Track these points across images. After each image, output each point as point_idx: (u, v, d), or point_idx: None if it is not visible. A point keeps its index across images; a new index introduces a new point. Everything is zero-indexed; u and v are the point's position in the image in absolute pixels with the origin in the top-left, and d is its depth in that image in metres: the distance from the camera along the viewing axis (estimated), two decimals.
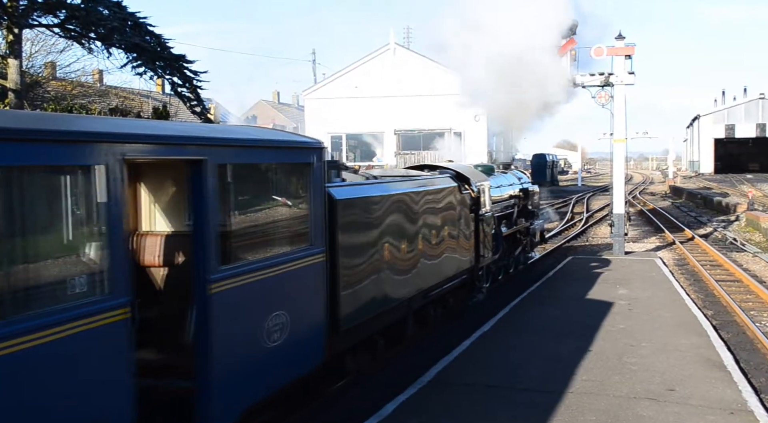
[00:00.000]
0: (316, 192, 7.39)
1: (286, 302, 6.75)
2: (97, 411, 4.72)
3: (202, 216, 5.76)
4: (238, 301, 6.11)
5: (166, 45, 20.57)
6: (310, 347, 7.29)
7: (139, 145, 5.22)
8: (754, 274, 17.99)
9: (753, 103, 79.82)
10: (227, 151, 6.16)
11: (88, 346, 4.61)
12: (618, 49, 20.20)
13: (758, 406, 8.08)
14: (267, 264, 6.52)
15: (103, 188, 4.75)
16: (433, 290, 11.00)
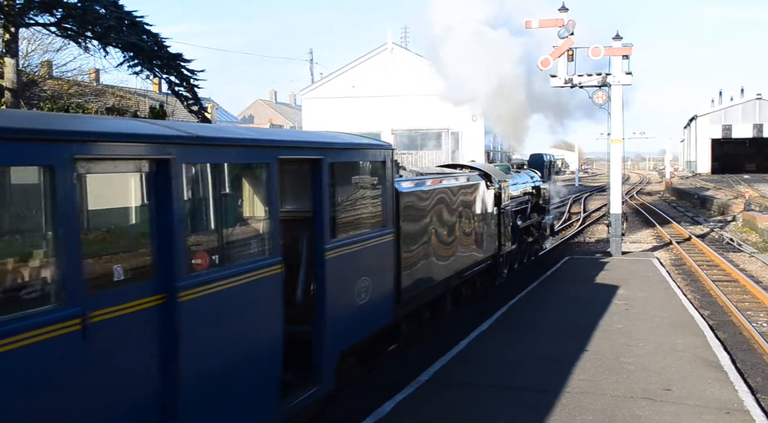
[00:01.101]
0: (388, 185, 9.12)
1: (368, 270, 8.45)
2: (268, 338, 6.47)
3: (320, 202, 7.43)
4: (341, 266, 7.71)
5: (163, 44, 20.55)
6: (383, 308, 8.97)
7: (288, 149, 7.02)
8: (750, 274, 18.01)
9: (750, 104, 79.96)
10: (335, 153, 7.83)
11: (263, 290, 6.34)
12: (615, 49, 20.21)
13: (754, 406, 8.09)
14: (357, 239, 8.19)
15: (273, 180, 6.55)
16: (465, 272, 12.75)
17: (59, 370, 4.25)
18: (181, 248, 5.31)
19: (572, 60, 20.39)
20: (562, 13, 20.04)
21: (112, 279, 4.82)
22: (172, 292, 5.20)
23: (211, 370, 5.57)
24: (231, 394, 5.84)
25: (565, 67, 20.43)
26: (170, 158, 5.24)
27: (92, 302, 4.49)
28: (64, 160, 4.36)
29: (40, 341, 4.09)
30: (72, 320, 4.32)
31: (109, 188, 5.17)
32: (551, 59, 20.16)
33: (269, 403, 6.46)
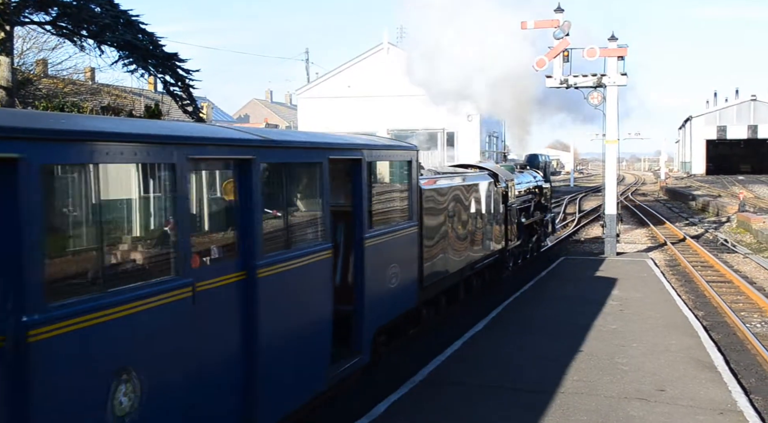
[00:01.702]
0: (413, 182, 10.14)
1: (397, 258, 9.47)
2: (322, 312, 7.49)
3: (360, 196, 8.44)
4: (377, 253, 8.71)
5: (158, 43, 20.50)
6: (409, 293, 10.03)
7: (336, 150, 8.01)
8: (744, 275, 18.07)
9: (745, 105, 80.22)
10: (372, 153, 8.80)
11: (318, 270, 7.36)
12: (611, 50, 20.25)
13: (748, 406, 8.11)
14: (389, 230, 9.22)
15: (325, 177, 7.55)
16: (476, 264, 13.77)
17: (178, 324, 5.31)
18: (260, 233, 6.32)
19: (568, 61, 20.42)
20: (558, 13, 20.07)
21: (210, 257, 5.94)
22: (251, 270, 6.21)
23: (280, 335, 6.64)
24: (294, 356, 6.95)
25: (560, 68, 20.46)
26: (252, 158, 6.26)
27: (198, 275, 5.54)
28: (184, 159, 5.41)
29: (167, 303, 5.19)
30: (186, 288, 5.38)
31: (207, 182, 6.27)
32: (547, 60, 20.20)
33: (321, 368, 7.54)
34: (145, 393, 4.88)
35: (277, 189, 7.01)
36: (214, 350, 5.76)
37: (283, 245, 6.86)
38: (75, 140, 4.52)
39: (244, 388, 6.13)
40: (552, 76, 20.57)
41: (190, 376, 5.39)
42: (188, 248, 5.43)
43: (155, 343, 5.07)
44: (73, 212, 4.75)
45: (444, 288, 12.02)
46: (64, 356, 4.26)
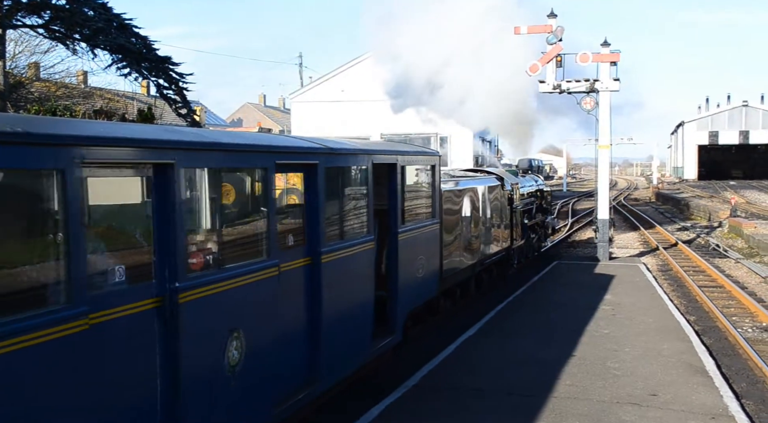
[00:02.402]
0: (436, 184, 11.30)
1: (423, 251, 10.64)
2: (367, 294, 8.72)
3: (394, 195, 9.57)
4: (408, 246, 9.87)
5: (151, 46, 20.49)
6: (431, 282, 11.19)
7: (379, 155, 9.15)
8: (736, 280, 18.13)
9: (736, 111, 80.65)
10: (404, 158, 10.00)
11: (364, 258, 8.59)
12: (603, 55, 20.33)
13: (739, 411, 8.14)
14: (417, 226, 10.38)
15: (370, 178, 8.74)
16: (486, 261, 14.88)
17: (269, 296, 6.54)
18: (323, 225, 7.52)
19: (561, 66, 20.48)
20: (551, 19, 20.14)
21: (288, 244, 7.12)
22: (316, 256, 7.42)
23: (336, 309, 7.79)
24: (346, 329, 8.18)
25: (553, 73, 20.52)
26: (317, 163, 7.48)
27: (282, 258, 6.75)
28: (271, 165, 6.62)
29: (262, 279, 6.40)
30: (274, 268, 6.58)
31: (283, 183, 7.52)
32: (540, 65, 20.26)
33: (366, 344, 8.84)
34: (247, 348, 6.09)
35: (334, 189, 8.18)
36: (291, 318, 7.06)
37: (338, 236, 8.14)
38: (211, 150, 5.95)
39: (311, 351, 7.43)
40: (545, 81, 20.63)
41: (275, 337, 6.67)
42: (275, 237, 6.69)
43: (254, 310, 6.35)
44: (206, 206, 6.04)
45: (458, 281, 13.22)
46: (199, 315, 5.51)
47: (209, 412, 5.62)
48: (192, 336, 5.35)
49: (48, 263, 4.34)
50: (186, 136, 5.83)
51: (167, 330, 5.18)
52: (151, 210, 5.22)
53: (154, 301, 5.12)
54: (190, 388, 5.32)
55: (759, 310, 14.24)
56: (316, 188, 7.45)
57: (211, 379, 5.67)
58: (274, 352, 6.63)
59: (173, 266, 5.23)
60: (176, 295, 5.22)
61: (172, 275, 5.22)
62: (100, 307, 4.53)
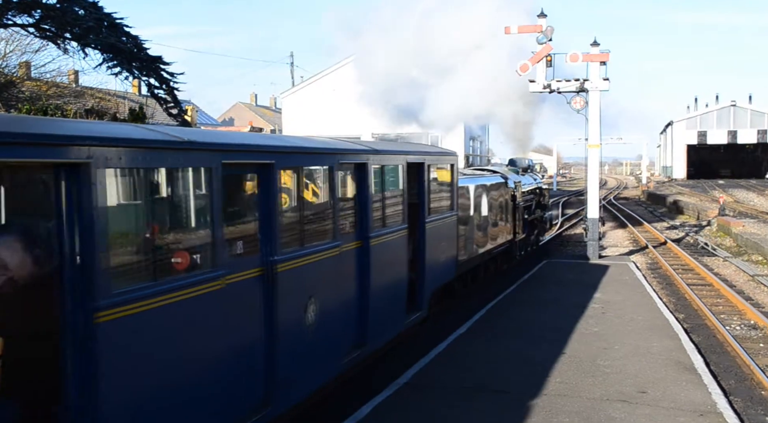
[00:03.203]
0: (454, 180, 12.87)
1: (444, 238, 12.17)
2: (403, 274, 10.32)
3: (422, 190, 11.06)
4: (433, 233, 11.38)
5: (142, 46, 20.46)
6: (451, 266, 12.73)
7: (411, 155, 10.74)
8: (724, 278, 18.28)
9: (725, 110, 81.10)
10: (431, 158, 11.54)
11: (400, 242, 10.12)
12: (593, 55, 20.44)
13: (727, 407, 8.24)
14: (440, 217, 11.89)
15: (404, 175, 10.37)
16: (493, 251, 16.40)
17: (333, 270, 7.99)
18: (371, 215, 9.00)
19: (551, 65, 20.58)
20: (541, 19, 20.24)
21: (345, 230, 8.40)
22: (365, 240, 8.88)
23: (380, 285, 9.18)
24: (387, 302, 9.59)
25: (543, 73, 20.62)
26: (366, 162, 8.94)
27: (342, 240, 8.21)
28: (335, 164, 8.15)
29: (330, 256, 7.89)
30: (337, 248, 8.06)
31: (340, 179, 8.45)
32: (530, 64, 20.35)
33: (401, 317, 10.35)
34: (319, 312, 7.51)
35: (378, 184, 9.50)
36: (348, 290, 8.43)
37: (381, 224, 9.52)
38: (301, 153, 7.52)
39: (361, 319, 8.81)
40: (535, 80, 20.73)
41: (337, 306, 8.04)
42: (338, 223, 8.09)
43: (323, 282, 7.70)
44: (294, 198, 7.45)
45: (471, 267, 14.70)
46: (289, 282, 6.88)
47: (293, 356, 7.04)
48: (284, 298, 6.80)
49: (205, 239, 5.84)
50: (282, 141, 7.87)
51: (267, 292, 6.63)
52: (258, 199, 6.68)
53: (259, 270, 6.54)
54: (281, 337, 6.76)
55: (747, 308, 14.37)
56: (365, 183, 8.95)
57: (296, 332, 7.12)
58: (336, 318, 8.08)
59: (273, 244, 6.69)
60: (275, 266, 6.68)
61: (272, 251, 6.68)
62: (229, 272, 5.93)
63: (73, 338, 4.36)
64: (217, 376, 5.74)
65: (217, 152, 5.85)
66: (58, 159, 4.32)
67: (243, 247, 6.41)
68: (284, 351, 6.80)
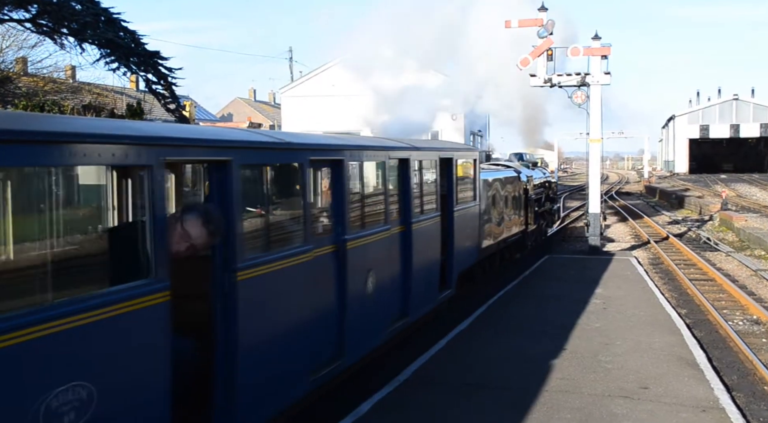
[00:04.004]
0: (477, 173, 14.05)
1: (469, 225, 13.40)
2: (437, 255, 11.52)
3: (451, 183, 12.23)
4: (460, 221, 12.61)
5: (140, 41, 20.33)
6: (474, 251, 13.94)
7: (443, 151, 12.14)
8: (727, 273, 18.18)
9: (727, 104, 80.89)
10: (458, 153, 12.83)
11: (435, 227, 11.36)
12: (594, 49, 20.30)
13: (730, 403, 8.14)
14: (465, 206, 13.10)
15: (438, 170, 11.68)
16: (508, 240, 17.41)
17: (385, 248, 9.30)
18: (412, 204, 10.27)
19: (551, 60, 20.45)
20: (542, 12, 20.10)
21: (392, 217, 9.65)
22: (408, 225, 10.15)
23: (420, 264, 10.46)
24: (425, 279, 10.85)
25: (544, 67, 20.49)
26: (408, 157, 10.26)
27: (391, 225, 9.54)
28: (386, 159, 9.57)
29: (385, 237, 9.30)
30: (388, 231, 9.41)
31: (390, 173, 9.74)
32: (531, 59, 20.22)
33: (435, 293, 11.52)
34: (375, 284, 8.87)
35: (418, 176, 10.74)
36: (394, 268, 9.73)
37: (420, 211, 10.74)
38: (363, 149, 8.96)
39: (405, 294, 10.07)
40: (536, 75, 20.60)
41: (387, 281, 9.34)
42: (389, 209, 9.51)
43: (379, 257, 9.08)
44: (358, 188, 8.75)
45: (489, 254, 15.72)
46: (355, 257, 8.25)
47: (357, 319, 8.34)
48: (351, 270, 8.14)
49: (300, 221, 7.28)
50: (349, 141, 9.06)
51: (339, 265, 8.00)
52: (331, 189, 8.06)
53: (333, 247, 7.90)
54: (350, 302, 8.12)
55: (750, 303, 14.28)
56: (408, 176, 10.20)
57: (359, 299, 8.43)
58: (387, 290, 9.37)
59: (343, 226, 8.04)
60: (345, 243, 8.03)
61: (343, 231, 8.02)
62: (314, 247, 7.31)
63: (222, 291, 5.91)
64: (308, 330, 7.18)
65: (307, 151, 7.42)
66: (212, 158, 5.96)
67: (322, 228, 8.01)
68: (351, 314, 8.19)
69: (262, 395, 6.40)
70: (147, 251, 5.05)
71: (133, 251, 5.09)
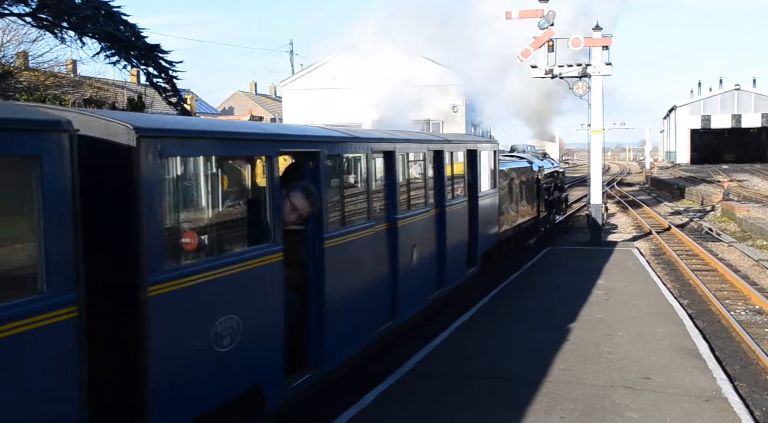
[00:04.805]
0: (496, 163, 15.48)
1: (491, 210, 14.78)
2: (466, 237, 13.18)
3: (475, 171, 13.59)
4: (484, 206, 14.06)
5: (140, 35, 20.29)
6: (494, 234, 15.32)
7: (470, 143, 13.52)
8: (729, 263, 18.17)
9: (728, 95, 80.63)
10: (481, 146, 14.16)
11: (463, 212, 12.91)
12: (595, 40, 20.23)
13: (732, 393, 8.15)
14: (488, 193, 14.52)
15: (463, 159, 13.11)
16: (522, 225, 18.70)
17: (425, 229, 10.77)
18: (445, 190, 11.66)
19: (552, 50, 20.39)
20: (543, 3, 20.03)
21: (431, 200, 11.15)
22: (442, 208, 11.51)
23: (452, 245, 11.87)
24: (456, 256, 12.24)
25: (545, 58, 20.44)
26: (443, 149, 11.63)
27: (431, 207, 11.01)
28: (426, 151, 11.00)
29: (423, 218, 10.65)
30: (428, 212, 10.91)
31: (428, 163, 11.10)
32: (531, 50, 20.17)
33: (464, 270, 12.98)
34: (418, 257, 10.37)
35: (450, 166, 12.01)
36: (432, 242, 11.07)
37: (451, 196, 12.10)
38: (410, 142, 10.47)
39: (440, 268, 11.42)
40: (537, 66, 20.55)
41: (426, 256, 10.77)
42: (427, 193, 10.96)
43: (421, 234, 10.55)
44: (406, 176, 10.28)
45: (507, 237, 16.79)
46: (404, 234, 9.76)
47: (406, 286, 9.79)
48: (401, 245, 9.66)
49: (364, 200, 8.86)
50: (399, 135, 10.47)
51: (392, 240, 9.45)
52: (383, 174, 9.50)
53: (387, 224, 9.33)
54: (400, 271, 9.60)
55: (752, 293, 14.28)
56: (442, 165, 11.50)
57: (407, 269, 9.88)
58: (427, 264, 10.80)
59: (395, 206, 9.57)
60: (396, 222, 9.55)
61: (394, 211, 9.56)
62: (375, 224, 8.88)
63: (314, 256, 7.50)
64: (371, 292, 8.78)
65: (369, 143, 8.89)
66: (308, 150, 7.54)
67: (379, 209, 9.26)
68: (401, 282, 9.62)
69: (341, 341, 7.96)
70: (269, 221, 6.58)
71: (261, 221, 6.61)
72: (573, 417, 7.44)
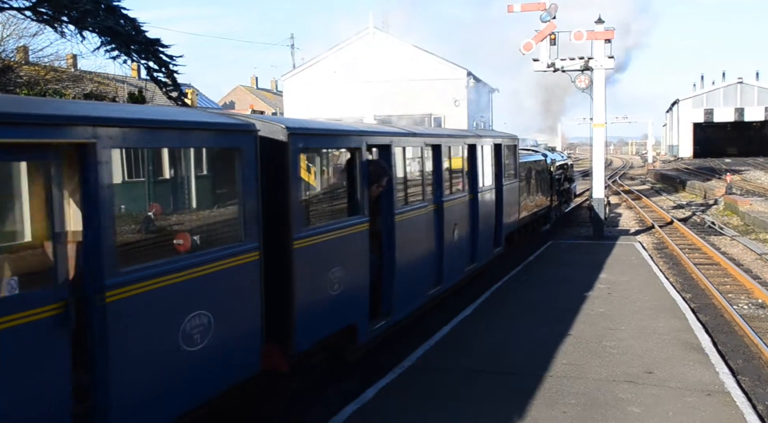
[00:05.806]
0: (516, 156, 16.70)
1: (513, 197, 16.02)
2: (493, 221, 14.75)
3: (500, 163, 14.77)
4: (507, 193, 15.37)
5: (140, 29, 20.23)
6: (516, 219, 16.63)
7: (492, 138, 14.55)
8: (731, 257, 18.11)
9: (731, 88, 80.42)
10: (504, 140, 15.19)
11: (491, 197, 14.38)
12: (597, 33, 20.14)
13: (735, 387, 8.11)
14: (510, 182, 15.66)
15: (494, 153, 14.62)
16: (537, 213, 20.00)
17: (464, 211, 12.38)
18: (478, 178, 12.99)
19: (555, 44, 20.30)
20: None
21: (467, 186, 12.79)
22: (475, 194, 12.83)
23: (482, 226, 13.22)
24: (486, 237, 13.72)
25: (547, 52, 20.35)
26: (476, 143, 13.00)
27: (467, 192, 12.62)
28: (463, 145, 12.66)
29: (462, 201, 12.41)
30: (466, 196, 12.57)
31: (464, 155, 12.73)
32: (534, 43, 20.08)
33: (491, 248, 14.31)
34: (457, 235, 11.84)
35: (481, 158, 13.26)
36: (467, 223, 12.45)
37: (482, 184, 13.29)
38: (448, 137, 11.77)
39: (472, 246, 12.83)
40: (539, 59, 20.46)
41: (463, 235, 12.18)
42: (465, 181, 12.66)
43: (460, 215, 12.01)
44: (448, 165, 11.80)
45: (525, 223, 17.98)
46: (448, 214, 11.26)
47: (448, 259, 11.30)
48: (446, 223, 11.11)
49: (419, 185, 10.44)
50: (441, 131, 11.87)
51: (438, 219, 10.90)
52: (431, 164, 10.89)
53: (435, 206, 10.80)
54: (445, 245, 11.12)
55: (755, 287, 14.22)
56: (475, 157, 12.96)
57: (449, 244, 11.36)
58: (463, 242, 12.26)
59: (441, 191, 11.01)
60: (443, 204, 11.05)
61: (440, 195, 11.01)
62: (428, 204, 10.51)
63: (387, 227, 9.21)
64: (424, 261, 10.42)
65: (423, 137, 10.60)
66: (383, 143, 9.16)
67: (429, 192, 10.63)
68: (446, 254, 11.14)
69: (405, 297, 9.68)
70: (361, 198, 8.29)
71: (356, 198, 8.28)
72: (575, 411, 7.40)
